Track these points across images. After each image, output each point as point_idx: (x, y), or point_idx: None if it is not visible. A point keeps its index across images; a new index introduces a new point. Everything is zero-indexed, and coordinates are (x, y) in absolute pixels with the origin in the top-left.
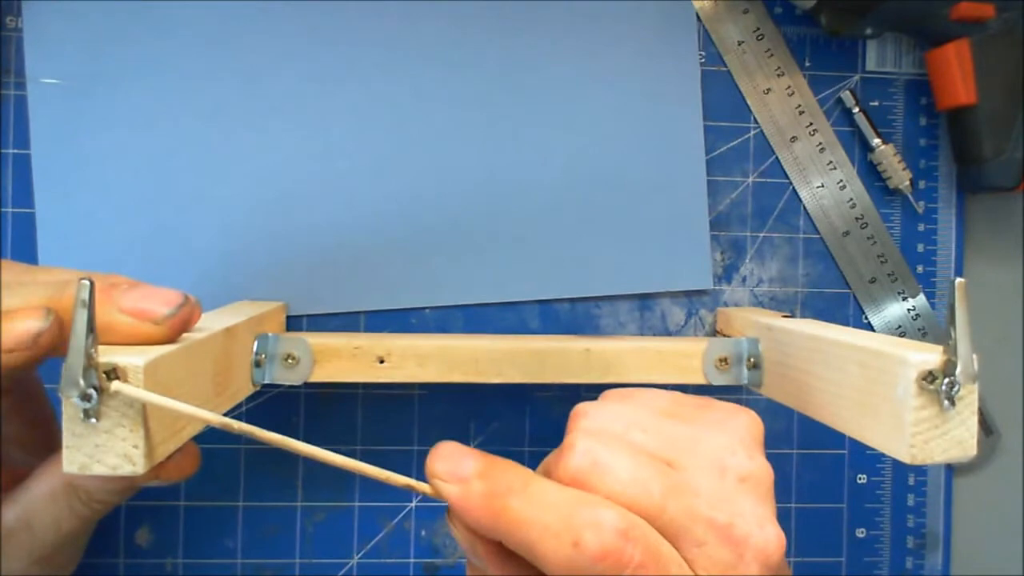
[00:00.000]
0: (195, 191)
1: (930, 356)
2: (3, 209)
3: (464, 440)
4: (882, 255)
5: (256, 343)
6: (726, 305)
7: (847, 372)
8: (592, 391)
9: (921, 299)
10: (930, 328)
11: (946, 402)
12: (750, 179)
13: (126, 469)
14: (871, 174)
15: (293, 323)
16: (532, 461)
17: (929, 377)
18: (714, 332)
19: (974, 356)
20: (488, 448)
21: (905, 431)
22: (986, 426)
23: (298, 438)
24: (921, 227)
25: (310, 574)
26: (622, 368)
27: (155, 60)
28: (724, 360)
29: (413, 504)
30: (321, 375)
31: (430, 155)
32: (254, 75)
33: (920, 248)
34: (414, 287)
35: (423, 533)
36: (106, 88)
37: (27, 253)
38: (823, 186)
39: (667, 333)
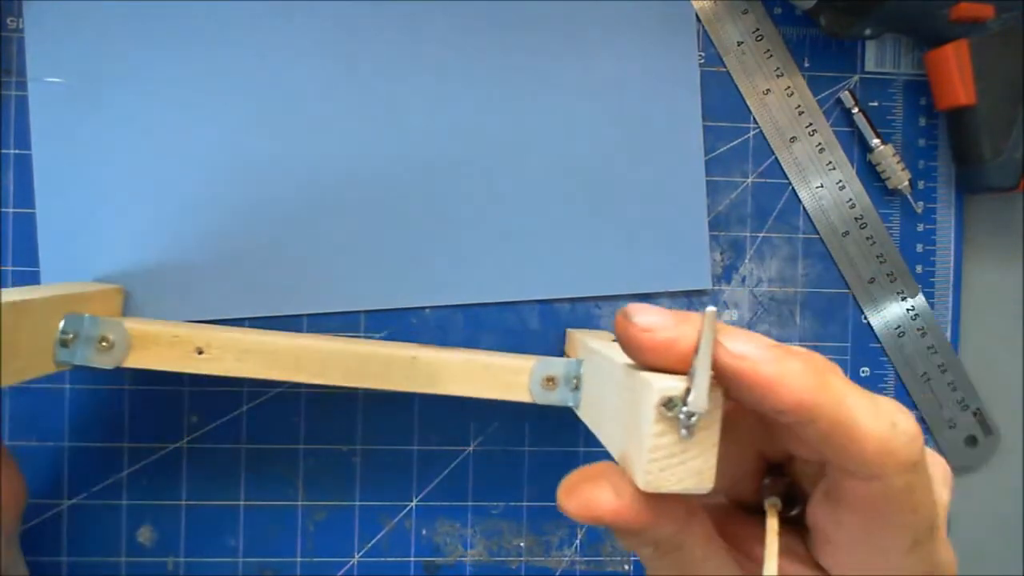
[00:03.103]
0: (197, 191)
1: (673, 383)
2: (4, 209)
3: (464, 440)
4: (881, 255)
5: (63, 322)
6: (726, 306)
7: (620, 396)
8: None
9: (920, 299)
10: (929, 328)
11: (684, 431)
12: (749, 179)
13: None
14: (870, 174)
15: (293, 322)
16: (532, 461)
17: (669, 404)
18: None
19: (709, 388)
20: (488, 448)
21: (643, 456)
22: (985, 426)
23: (298, 438)
24: (920, 227)
25: (311, 573)
26: (448, 379)
27: (156, 60)
28: (551, 380)
29: (413, 503)
30: (136, 361)
31: (429, 155)
32: (256, 75)
33: (919, 248)
34: (413, 287)
35: (424, 532)
36: (107, 88)
37: (27, 253)
38: (822, 186)
39: None
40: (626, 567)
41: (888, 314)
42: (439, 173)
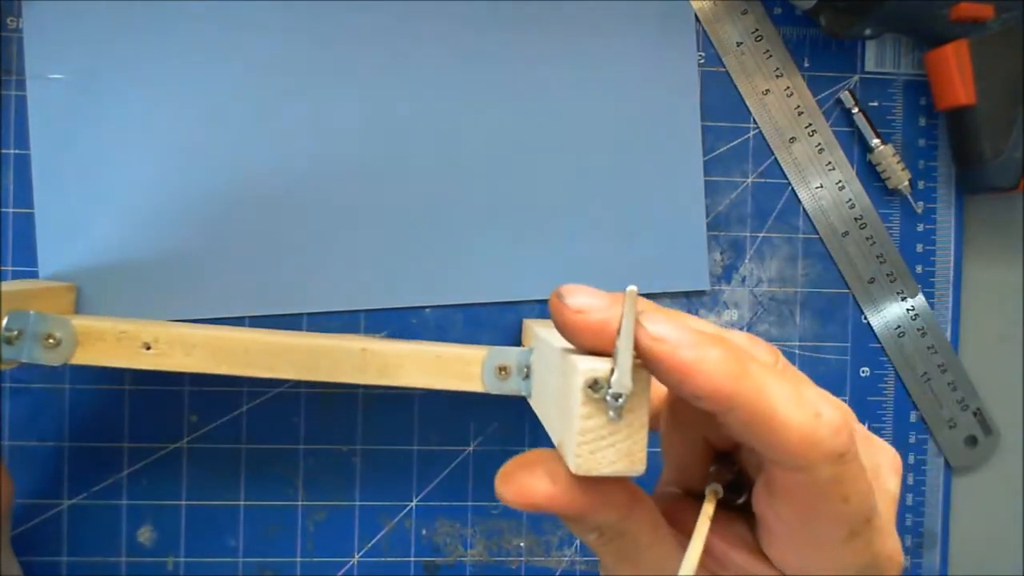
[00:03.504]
0: (197, 190)
1: (599, 364)
2: (3, 209)
3: (464, 440)
4: (881, 255)
5: (7, 319)
6: (726, 306)
7: (557, 381)
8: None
9: (920, 299)
10: (929, 328)
11: (611, 413)
12: (749, 180)
13: None
14: (870, 174)
15: (293, 321)
16: None
17: (595, 385)
18: None
19: (632, 368)
20: (488, 448)
21: (572, 439)
22: (985, 426)
23: (298, 438)
24: (920, 227)
25: (311, 573)
26: (399, 370)
27: (155, 60)
28: (504, 369)
29: (413, 503)
30: (83, 358)
31: (428, 155)
32: (254, 74)
33: (919, 248)
34: (413, 286)
35: (423, 532)
36: (106, 87)
37: (28, 253)
38: (822, 186)
39: None
40: None
41: (888, 314)
42: (438, 174)
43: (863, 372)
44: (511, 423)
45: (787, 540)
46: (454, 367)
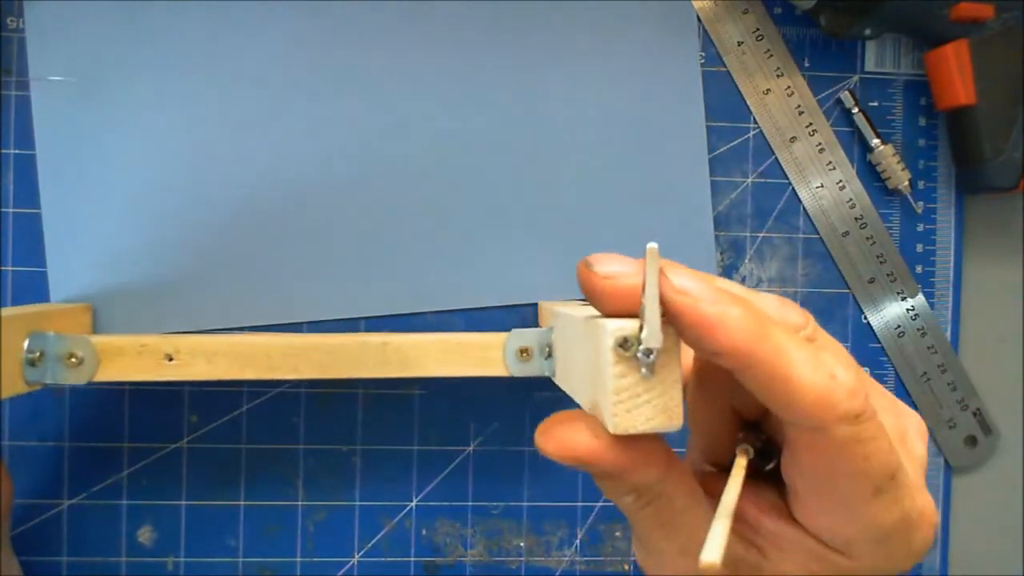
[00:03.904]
0: (201, 190)
1: (627, 323)
2: (5, 209)
3: (464, 440)
4: (881, 255)
5: (28, 341)
6: None
7: (584, 349)
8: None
9: (920, 299)
10: (929, 328)
11: (644, 370)
12: (749, 179)
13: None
14: (870, 174)
15: (294, 329)
16: (532, 461)
17: (625, 344)
18: None
19: (660, 322)
20: (488, 448)
21: (608, 400)
22: (985, 426)
23: (298, 438)
24: (920, 227)
25: (311, 573)
26: (422, 361)
27: (157, 59)
28: (525, 351)
29: (413, 503)
30: (107, 374)
31: (429, 159)
32: (258, 74)
33: (919, 248)
34: (415, 291)
35: (424, 532)
36: (109, 87)
37: (28, 253)
38: (822, 186)
39: None
40: (626, 567)
41: (888, 314)
42: (442, 177)
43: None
44: (511, 423)
45: (815, 502)
46: (475, 353)
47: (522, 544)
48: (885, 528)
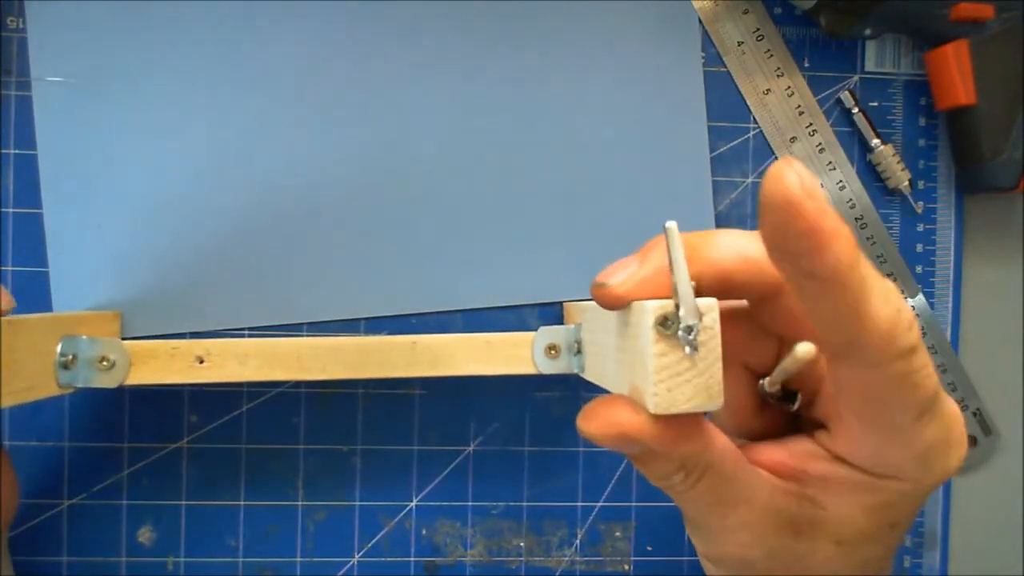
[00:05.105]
0: (202, 190)
1: (667, 302)
2: (6, 209)
3: (464, 440)
4: (881, 255)
5: (61, 344)
6: None
7: (619, 336)
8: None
9: (920, 299)
10: (930, 327)
11: (687, 348)
12: (749, 179)
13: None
14: (870, 174)
15: (294, 330)
16: (532, 461)
17: (665, 322)
18: None
19: (694, 296)
20: (488, 448)
21: (648, 379)
22: (985, 426)
23: (298, 438)
24: (920, 227)
25: (311, 573)
26: (450, 360)
27: (159, 59)
28: (553, 348)
29: (413, 503)
30: (138, 377)
31: (429, 160)
32: (260, 75)
33: (919, 248)
34: (416, 292)
35: (424, 532)
36: (110, 88)
37: (29, 253)
38: (822, 186)
39: None
40: (626, 567)
41: None
42: (440, 177)
43: None
44: (511, 423)
45: (859, 434)
46: (504, 352)
47: (522, 544)
48: (929, 443)
